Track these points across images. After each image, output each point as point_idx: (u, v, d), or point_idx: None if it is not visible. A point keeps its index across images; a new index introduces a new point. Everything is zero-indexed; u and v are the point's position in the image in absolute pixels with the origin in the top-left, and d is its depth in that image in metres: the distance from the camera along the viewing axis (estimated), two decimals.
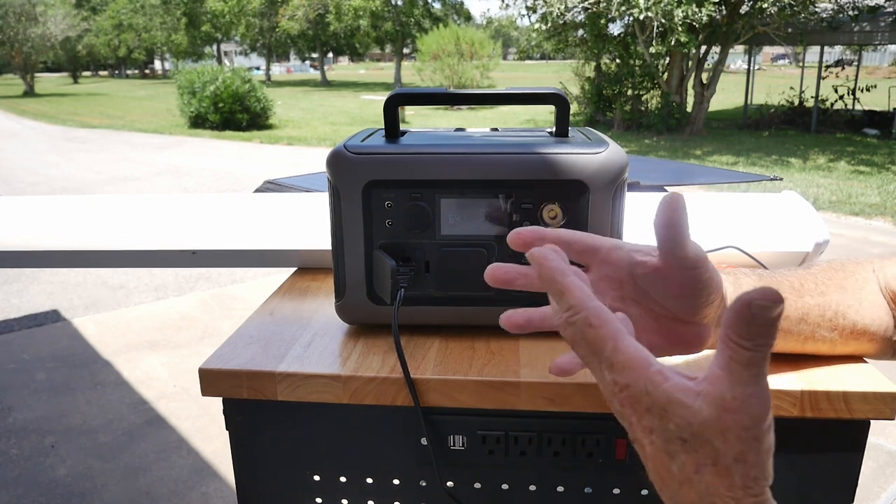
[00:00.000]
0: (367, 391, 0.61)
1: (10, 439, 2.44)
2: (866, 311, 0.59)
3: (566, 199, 0.62)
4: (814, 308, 0.57)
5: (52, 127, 13.99)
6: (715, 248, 0.83)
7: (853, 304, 0.58)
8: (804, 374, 0.59)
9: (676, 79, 11.59)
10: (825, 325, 0.58)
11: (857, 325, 0.59)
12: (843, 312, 0.58)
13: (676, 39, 9.56)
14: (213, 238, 0.88)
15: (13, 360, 3.09)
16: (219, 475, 2.24)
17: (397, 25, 29.02)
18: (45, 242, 0.89)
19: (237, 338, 0.68)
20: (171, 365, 3.05)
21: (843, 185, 7.17)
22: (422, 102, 0.70)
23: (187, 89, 13.01)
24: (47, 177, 8.09)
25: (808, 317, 0.57)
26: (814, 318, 0.58)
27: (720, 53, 11.29)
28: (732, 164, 8.56)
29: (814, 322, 0.58)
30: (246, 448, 0.66)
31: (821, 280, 0.59)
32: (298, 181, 1.33)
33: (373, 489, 0.65)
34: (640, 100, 12.04)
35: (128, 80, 39.62)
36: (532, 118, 13.70)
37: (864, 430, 0.59)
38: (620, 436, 0.61)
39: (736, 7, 10.44)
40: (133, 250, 0.88)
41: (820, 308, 0.58)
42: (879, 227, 5.63)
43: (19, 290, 4.08)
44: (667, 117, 11.30)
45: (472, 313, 0.66)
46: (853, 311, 0.58)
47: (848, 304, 0.58)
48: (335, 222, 0.65)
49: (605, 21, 11.09)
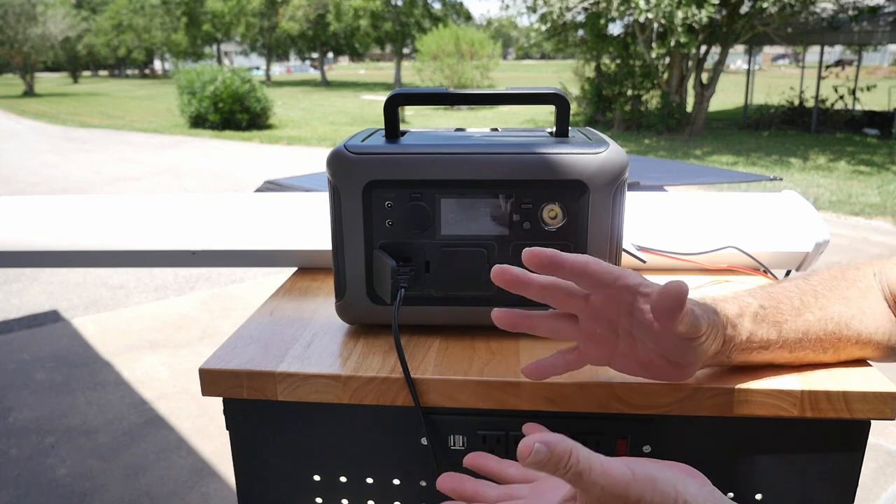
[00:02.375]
0: (368, 391, 0.61)
1: (10, 439, 2.44)
2: (870, 321, 0.59)
3: (566, 199, 0.62)
4: (814, 324, 0.58)
5: (52, 127, 13.99)
6: (715, 248, 0.83)
7: (857, 315, 0.59)
8: (804, 374, 0.59)
9: (676, 79, 11.59)
10: (827, 338, 0.58)
11: (861, 336, 0.59)
12: (846, 324, 0.58)
13: (676, 40, 9.57)
14: (213, 238, 0.88)
15: (13, 360, 3.09)
16: (219, 475, 2.24)
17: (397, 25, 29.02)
18: (45, 242, 0.89)
19: (237, 338, 0.68)
20: (171, 365, 3.05)
21: (843, 185, 7.17)
22: (422, 102, 0.70)
23: (187, 89, 13.02)
24: (47, 177, 8.09)
25: (809, 333, 0.58)
26: (815, 333, 0.58)
27: (720, 53, 11.29)
28: (732, 164, 8.56)
29: (815, 337, 0.58)
30: (246, 448, 0.66)
31: (821, 293, 0.60)
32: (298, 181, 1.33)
33: (373, 489, 0.65)
34: (640, 100, 12.04)
35: (128, 80, 39.63)
36: (532, 118, 13.70)
37: (865, 430, 0.59)
38: (621, 436, 0.61)
39: (736, 7, 10.44)
40: (133, 250, 0.88)
41: (821, 322, 0.58)
42: (879, 227, 5.63)
43: (19, 290, 4.08)
44: (667, 117, 11.31)
45: (472, 313, 0.66)
46: (857, 322, 0.58)
47: (851, 315, 0.58)
48: (335, 222, 0.65)
49: (605, 21, 11.09)
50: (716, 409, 0.58)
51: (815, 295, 0.59)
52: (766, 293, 0.59)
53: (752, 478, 0.61)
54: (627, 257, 0.80)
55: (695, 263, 0.84)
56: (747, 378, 0.58)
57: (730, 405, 0.57)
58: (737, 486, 0.61)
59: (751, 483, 0.61)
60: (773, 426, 0.59)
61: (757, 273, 0.84)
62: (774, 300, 0.58)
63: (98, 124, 14.14)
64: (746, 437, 0.60)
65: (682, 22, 9.34)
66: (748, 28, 10.48)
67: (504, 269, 0.51)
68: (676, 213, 0.88)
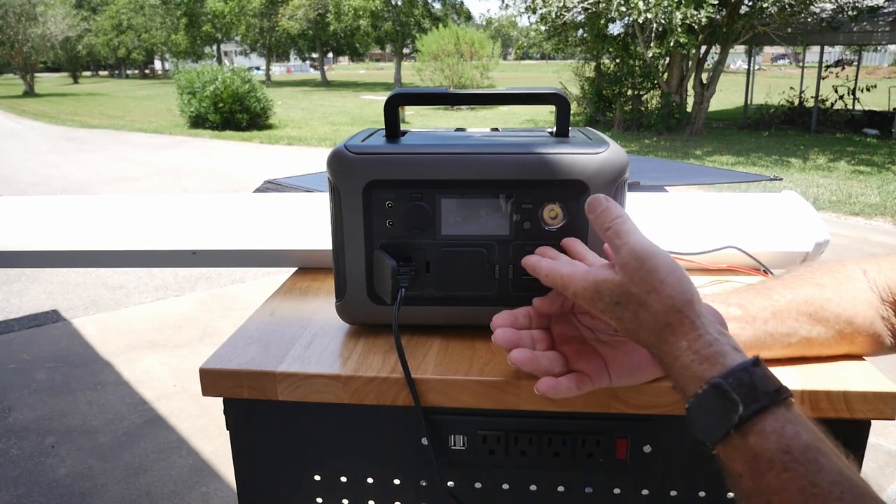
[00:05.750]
0: (368, 391, 0.61)
1: (10, 439, 2.44)
2: (848, 305, 0.59)
3: (566, 199, 0.62)
4: (784, 305, 0.58)
5: (53, 127, 13.98)
6: (715, 248, 0.83)
7: (832, 298, 0.59)
8: (804, 373, 0.59)
9: (676, 79, 11.58)
10: (804, 319, 0.58)
11: (840, 318, 0.59)
12: (821, 305, 0.59)
13: (676, 41, 9.56)
14: (213, 238, 0.88)
15: (13, 360, 3.09)
16: (219, 475, 2.24)
17: (397, 25, 29.01)
18: (45, 242, 0.89)
19: (237, 338, 0.68)
20: (171, 365, 3.05)
21: (843, 185, 7.17)
22: (422, 102, 0.70)
23: (187, 89, 13.01)
24: (47, 177, 8.09)
25: (780, 312, 0.58)
26: (787, 312, 0.58)
27: (720, 53, 11.28)
28: (732, 164, 8.56)
29: (788, 317, 0.58)
30: (246, 448, 0.66)
31: (789, 282, 0.61)
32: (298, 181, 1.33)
33: (373, 489, 0.65)
34: (640, 100, 12.03)
35: (128, 80, 39.63)
36: (532, 118, 13.70)
37: (865, 430, 0.59)
38: (621, 436, 0.61)
39: (736, 7, 10.44)
40: (133, 250, 0.88)
41: (793, 304, 0.58)
42: (879, 227, 5.63)
43: (19, 290, 4.08)
44: (667, 117, 11.30)
45: (473, 313, 0.66)
46: (833, 305, 0.59)
47: (826, 298, 0.59)
48: (335, 222, 0.65)
49: (605, 21, 11.08)
50: None
51: (782, 284, 0.61)
52: (729, 289, 0.63)
53: None
54: None
55: (695, 263, 0.84)
56: None
57: None
58: None
59: None
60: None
61: (757, 273, 0.84)
62: (733, 290, 0.62)
63: (98, 124, 14.14)
64: None
65: (682, 22, 9.33)
66: (748, 28, 10.48)
67: (502, 333, 0.56)
68: (676, 213, 0.88)
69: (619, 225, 0.50)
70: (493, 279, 0.64)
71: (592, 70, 13.05)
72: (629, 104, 12.02)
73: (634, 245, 0.49)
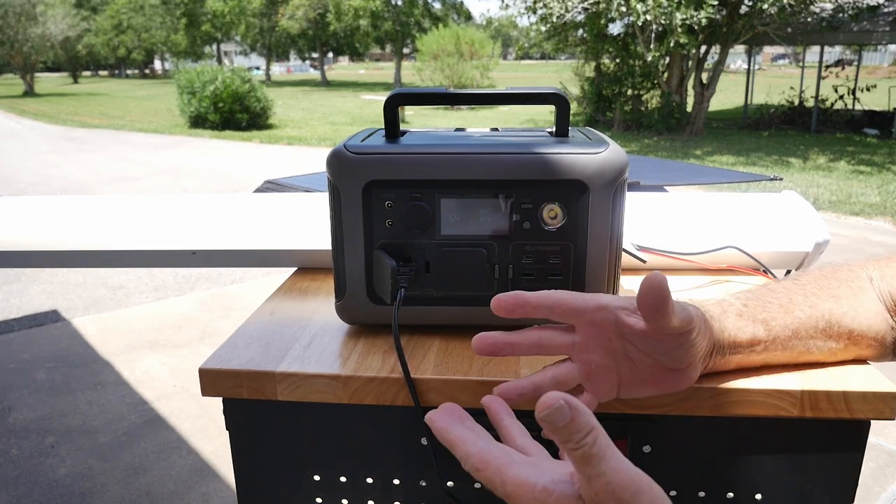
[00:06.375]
0: (368, 391, 0.61)
1: (10, 439, 2.44)
2: (862, 318, 0.59)
3: (566, 199, 0.62)
4: (804, 321, 0.58)
5: (52, 127, 13.98)
6: (715, 248, 0.83)
7: (848, 312, 0.58)
8: (804, 374, 0.59)
9: (676, 79, 11.59)
10: (819, 336, 0.58)
11: (853, 333, 0.59)
12: (837, 321, 0.58)
13: (676, 41, 9.57)
14: (213, 238, 0.88)
15: (13, 360, 3.09)
16: (219, 475, 2.24)
17: (397, 25, 29.02)
18: (45, 242, 0.89)
19: (237, 338, 0.68)
20: (171, 365, 3.05)
21: (843, 184, 7.17)
22: (422, 102, 0.70)
23: (187, 89, 13.02)
24: (47, 177, 8.09)
25: (800, 331, 0.58)
26: (805, 330, 0.58)
27: (720, 53, 11.28)
28: (732, 164, 8.56)
29: (806, 335, 0.58)
30: (246, 448, 0.66)
31: (810, 291, 0.59)
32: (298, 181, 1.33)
33: (373, 489, 0.65)
34: (640, 100, 12.04)
35: (128, 80, 39.62)
36: (532, 118, 13.70)
37: (865, 430, 0.59)
38: (620, 436, 0.61)
39: (736, 7, 10.44)
40: (133, 250, 0.88)
41: (812, 320, 0.58)
42: (879, 227, 5.63)
43: (19, 290, 4.08)
44: (667, 117, 11.31)
45: (473, 313, 0.66)
46: (848, 319, 0.58)
47: (843, 313, 0.58)
48: (335, 222, 0.65)
49: (605, 21, 11.09)
50: (716, 408, 0.58)
51: (804, 294, 0.59)
52: (750, 293, 0.59)
53: (752, 478, 0.61)
54: (627, 257, 0.80)
55: (695, 263, 0.84)
56: (747, 378, 0.58)
57: (730, 405, 0.57)
58: (737, 486, 0.61)
59: (751, 483, 0.61)
60: (773, 426, 0.59)
61: (757, 273, 0.83)
62: (759, 300, 0.58)
63: (98, 124, 14.14)
64: (746, 437, 0.60)
65: (682, 23, 9.34)
66: (748, 28, 10.48)
67: (483, 337, 0.51)
68: (676, 213, 0.88)
69: (590, 448, 0.37)
70: (492, 279, 0.64)
71: (592, 70, 13.05)
72: (629, 104, 12.03)
73: (614, 479, 0.37)
